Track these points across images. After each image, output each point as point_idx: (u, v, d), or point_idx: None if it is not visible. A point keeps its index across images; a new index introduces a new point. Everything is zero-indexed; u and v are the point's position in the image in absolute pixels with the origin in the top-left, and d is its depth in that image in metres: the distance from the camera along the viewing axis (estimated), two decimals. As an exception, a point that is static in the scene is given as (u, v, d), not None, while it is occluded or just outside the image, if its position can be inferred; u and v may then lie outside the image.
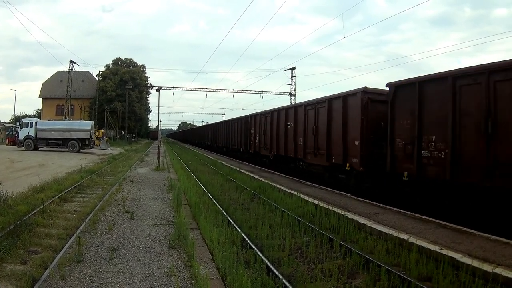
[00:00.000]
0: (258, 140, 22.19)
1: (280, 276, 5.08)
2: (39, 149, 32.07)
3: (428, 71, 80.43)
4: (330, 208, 8.97)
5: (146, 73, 72.17)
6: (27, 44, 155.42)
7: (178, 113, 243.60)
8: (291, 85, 56.01)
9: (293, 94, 55.73)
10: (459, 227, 7.19)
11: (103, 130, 49.03)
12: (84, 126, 33.54)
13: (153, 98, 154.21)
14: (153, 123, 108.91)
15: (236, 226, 7.72)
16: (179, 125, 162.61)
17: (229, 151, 32.15)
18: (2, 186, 9.03)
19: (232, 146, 30.71)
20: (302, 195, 10.83)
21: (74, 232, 6.99)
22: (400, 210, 8.86)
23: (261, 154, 21.97)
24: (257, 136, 22.38)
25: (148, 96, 77.68)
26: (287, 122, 17.27)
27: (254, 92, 56.07)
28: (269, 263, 5.57)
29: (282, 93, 56.48)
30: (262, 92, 56.03)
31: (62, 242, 6.34)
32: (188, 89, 58.32)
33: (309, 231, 7.64)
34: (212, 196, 11.45)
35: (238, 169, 19.23)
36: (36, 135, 31.99)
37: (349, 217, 8.22)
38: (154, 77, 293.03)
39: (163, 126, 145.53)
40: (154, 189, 13.25)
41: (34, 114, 69.93)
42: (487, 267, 5.06)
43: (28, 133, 31.95)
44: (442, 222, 7.63)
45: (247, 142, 25.02)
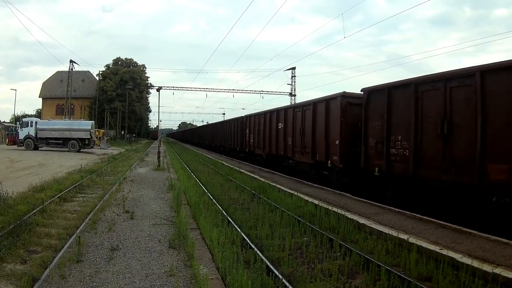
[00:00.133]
0: (252, 140, 23.12)
1: (280, 276, 5.09)
2: (39, 148, 32.10)
3: (428, 71, 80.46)
4: (330, 208, 8.97)
5: (146, 73, 72.32)
6: (27, 44, 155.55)
7: (178, 113, 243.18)
8: (291, 85, 56.05)
9: (293, 94, 55.74)
10: (459, 227, 7.21)
11: (103, 130, 48.99)
12: (84, 125, 33.58)
13: (153, 98, 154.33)
14: (153, 123, 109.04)
15: (236, 226, 7.72)
16: (179, 125, 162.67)
17: (226, 151, 33.17)
18: (2, 185, 9.04)
19: (229, 145, 31.65)
20: (302, 195, 10.84)
21: (74, 231, 7.00)
22: (400, 210, 8.89)
23: (255, 153, 22.89)
24: (251, 136, 23.31)
25: (148, 96, 77.85)
26: (278, 123, 18.22)
27: (254, 92, 56.14)
28: (269, 263, 5.57)
29: (282, 93, 56.54)
30: (262, 92, 56.10)
31: (62, 242, 6.34)
32: (188, 89, 58.37)
33: (309, 231, 7.64)
34: (212, 196, 11.45)
35: (238, 169, 19.23)
36: (36, 135, 32.00)
37: (349, 217, 8.22)
38: (154, 77, 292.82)
39: (163, 126, 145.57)
40: (154, 189, 13.25)
41: (34, 113, 69.78)
42: (487, 267, 5.06)
43: (28, 132, 31.97)
44: (442, 222, 7.66)
45: (243, 141, 25.92)
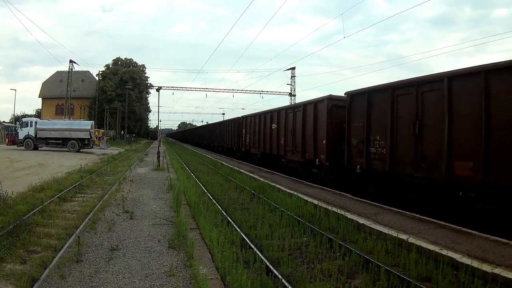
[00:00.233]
0: (248, 139, 24.03)
1: (279, 276, 5.08)
2: (39, 148, 32.07)
3: (428, 71, 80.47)
4: (330, 208, 8.98)
5: (146, 73, 72.29)
6: (27, 44, 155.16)
7: (178, 113, 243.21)
8: (291, 85, 56.10)
9: (293, 94, 55.78)
10: (459, 228, 7.21)
11: (103, 130, 49.01)
12: (83, 125, 33.57)
13: (153, 98, 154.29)
14: (153, 123, 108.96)
15: (235, 226, 7.72)
16: (179, 125, 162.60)
17: (224, 150, 33.89)
18: (1, 185, 9.02)
19: (226, 145, 32.42)
20: (301, 195, 10.84)
21: (74, 231, 6.98)
22: (399, 211, 8.90)
23: (250, 152, 23.96)
24: (247, 136, 24.24)
25: (148, 96, 77.90)
26: (272, 124, 19.11)
27: (254, 92, 56.22)
28: (268, 263, 5.57)
29: (282, 93, 56.59)
30: (262, 92, 56.19)
31: (61, 242, 6.34)
32: (188, 89, 58.43)
33: (308, 231, 7.64)
34: (211, 196, 11.44)
35: (237, 169, 19.24)
36: (36, 135, 31.98)
37: (348, 217, 8.23)
38: (154, 77, 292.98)
39: (163, 126, 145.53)
40: (153, 189, 13.25)
41: (34, 113, 69.76)
42: (487, 268, 5.07)
43: (28, 132, 31.94)
44: (442, 222, 7.66)
45: (239, 141, 26.75)
